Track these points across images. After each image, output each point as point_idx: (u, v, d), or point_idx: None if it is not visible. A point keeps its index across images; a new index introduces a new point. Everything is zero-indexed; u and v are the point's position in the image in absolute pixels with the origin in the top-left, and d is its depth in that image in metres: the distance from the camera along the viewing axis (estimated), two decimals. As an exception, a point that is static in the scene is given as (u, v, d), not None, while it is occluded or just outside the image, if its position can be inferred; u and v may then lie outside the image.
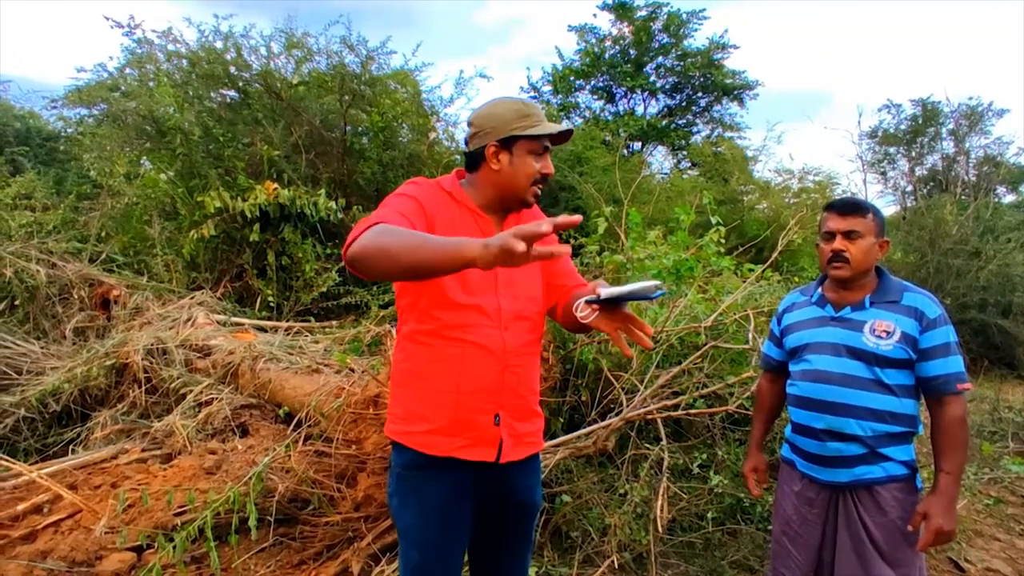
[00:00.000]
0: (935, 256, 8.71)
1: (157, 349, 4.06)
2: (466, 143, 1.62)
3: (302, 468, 2.82)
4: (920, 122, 17.22)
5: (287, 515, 2.79)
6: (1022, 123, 35.81)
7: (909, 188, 18.02)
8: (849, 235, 1.83)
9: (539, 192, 1.60)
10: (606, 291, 1.29)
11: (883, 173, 18.47)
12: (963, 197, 14.27)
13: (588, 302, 1.35)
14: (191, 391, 3.74)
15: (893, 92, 25.20)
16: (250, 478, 2.62)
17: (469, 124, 1.61)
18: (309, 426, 3.10)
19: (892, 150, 18.15)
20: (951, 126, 17.04)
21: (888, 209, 17.21)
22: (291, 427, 3.21)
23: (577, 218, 1.03)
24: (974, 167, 16.91)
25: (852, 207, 1.86)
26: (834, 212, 1.88)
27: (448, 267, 1.11)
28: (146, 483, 2.94)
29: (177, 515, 2.66)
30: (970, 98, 17.38)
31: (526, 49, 38.47)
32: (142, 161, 6.71)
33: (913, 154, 17.85)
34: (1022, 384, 7.26)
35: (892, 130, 17.79)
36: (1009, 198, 17.20)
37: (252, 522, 2.46)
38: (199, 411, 3.59)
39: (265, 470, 2.69)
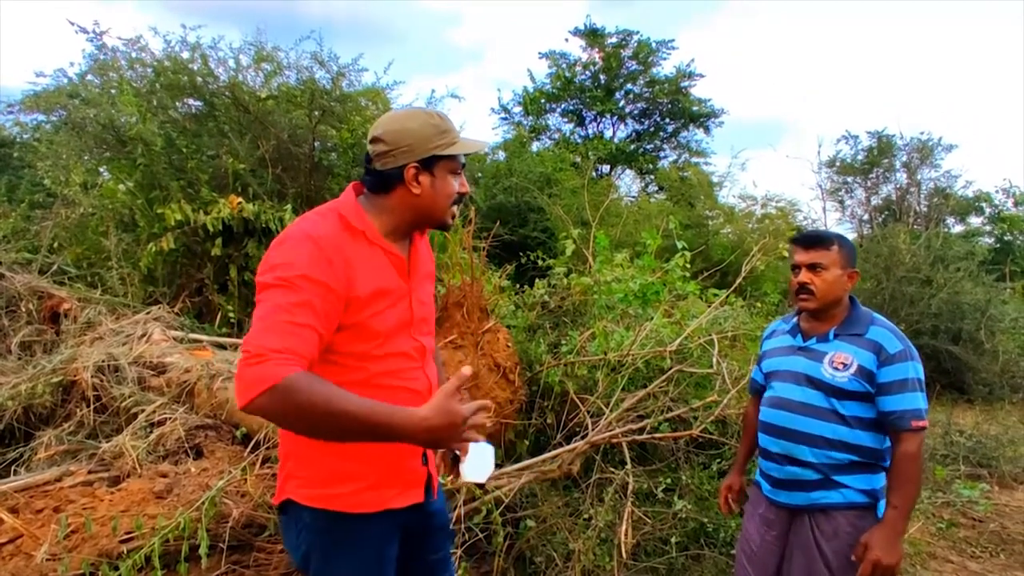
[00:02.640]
0: (890, 283, 8.98)
1: (108, 366, 3.89)
2: (371, 161, 1.41)
3: (259, 492, 2.73)
4: (875, 154, 17.91)
5: (241, 541, 2.68)
6: (970, 158, 37.76)
7: (865, 217, 18.70)
8: (813, 267, 1.86)
9: (456, 212, 1.49)
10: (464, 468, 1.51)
11: (841, 202, 19.13)
12: (915, 227, 14.86)
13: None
14: (143, 410, 3.59)
15: (852, 122, 26.23)
16: (202, 503, 2.52)
17: (377, 140, 1.40)
18: (267, 448, 3.01)
19: (849, 179, 18.81)
20: (904, 159, 17.79)
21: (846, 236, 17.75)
22: (248, 449, 3.10)
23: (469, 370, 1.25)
24: (925, 198, 17.66)
25: (815, 240, 1.90)
26: (798, 246, 1.92)
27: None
28: (91, 507, 2.79)
29: (123, 542, 2.53)
30: (921, 133, 18.22)
31: (501, 69, 38.99)
32: (100, 170, 6.51)
33: (869, 184, 18.54)
34: (972, 408, 7.49)
35: (849, 160, 18.44)
36: (958, 228, 18.00)
37: (203, 549, 2.36)
38: (151, 431, 3.44)
39: (219, 494, 2.59)
